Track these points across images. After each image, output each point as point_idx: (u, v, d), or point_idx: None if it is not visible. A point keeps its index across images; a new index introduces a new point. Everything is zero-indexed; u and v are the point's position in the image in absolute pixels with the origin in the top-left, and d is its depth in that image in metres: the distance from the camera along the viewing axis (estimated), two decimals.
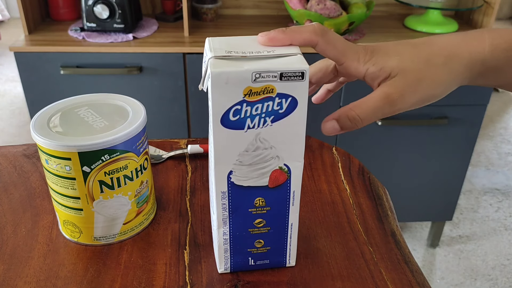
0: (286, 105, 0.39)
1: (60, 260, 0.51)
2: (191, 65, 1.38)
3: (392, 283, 0.48)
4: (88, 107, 0.53)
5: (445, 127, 1.52)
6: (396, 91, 0.41)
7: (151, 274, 0.49)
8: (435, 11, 1.53)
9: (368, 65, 0.42)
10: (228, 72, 0.37)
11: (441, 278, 1.64)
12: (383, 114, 0.41)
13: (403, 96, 0.41)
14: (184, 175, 0.65)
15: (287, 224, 0.47)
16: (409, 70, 0.41)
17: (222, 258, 0.48)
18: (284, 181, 0.43)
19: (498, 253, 1.74)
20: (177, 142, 0.73)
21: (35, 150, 0.70)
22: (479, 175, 2.16)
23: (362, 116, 0.41)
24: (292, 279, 0.49)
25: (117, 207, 0.51)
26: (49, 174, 0.49)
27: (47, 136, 0.47)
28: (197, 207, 0.59)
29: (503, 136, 2.45)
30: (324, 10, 1.38)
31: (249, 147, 0.41)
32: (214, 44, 0.40)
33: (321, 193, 0.62)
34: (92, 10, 1.35)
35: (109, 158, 0.47)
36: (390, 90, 0.41)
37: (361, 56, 0.42)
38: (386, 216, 0.58)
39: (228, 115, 0.39)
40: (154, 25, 1.50)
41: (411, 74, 0.41)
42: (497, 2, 1.44)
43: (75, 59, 1.36)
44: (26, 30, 1.40)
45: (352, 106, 0.42)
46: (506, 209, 1.97)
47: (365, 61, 0.42)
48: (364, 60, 0.42)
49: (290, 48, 0.40)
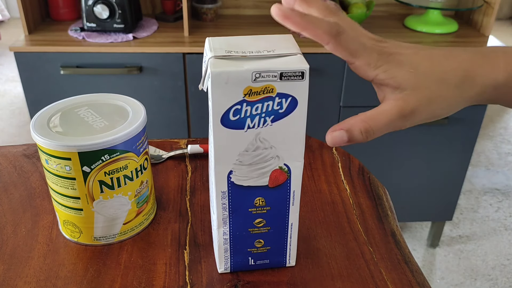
0: (286, 105, 0.39)
1: (60, 260, 0.51)
2: (191, 65, 1.38)
3: (392, 283, 0.48)
4: (88, 107, 0.53)
5: (445, 127, 1.52)
6: (408, 107, 0.40)
7: (151, 274, 0.49)
8: (435, 11, 1.53)
9: (379, 71, 0.40)
10: (228, 72, 0.37)
11: (441, 278, 1.64)
12: (394, 127, 0.40)
13: (414, 113, 0.40)
14: (184, 175, 0.65)
15: (287, 224, 0.47)
16: (421, 87, 0.40)
17: (222, 258, 0.48)
18: (284, 181, 0.43)
19: (498, 253, 1.74)
20: (177, 142, 0.73)
21: (35, 150, 0.70)
22: (479, 175, 2.16)
23: (376, 129, 0.39)
24: (292, 279, 0.49)
25: (117, 207, 0.51)
26: (49, 174, 0.49)
27: (47, 136, 0.47)
28: (197, 207, 0.59)
29: (503, 136, 2.45)
30: None
31: (249, 147, 0.41)
32: (214, 44, 0.40)
33: (321, 193, 0.62)
34: (92, 10, 1.35)
35: (109, 158, 0.47)
36: (403, 105, 0.40)
37: (373, 60, 0.40)
38: (386, 216, 0.58)
39: (228, 115, 0.39)
40: (154, 25, 1.50)
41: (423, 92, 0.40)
42: (497, 2, 1.44)
43: (75, 59, 1.36)
44: (26, 30, 1.40)
45: (365, 118, 0.39)
46: (506, 209, 1.97)
47: (376, 66, 0.40)
48: (376, 65, 0.40)
49: (290, 47, 0.40)
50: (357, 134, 0.39)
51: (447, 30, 1.52)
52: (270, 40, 0.41)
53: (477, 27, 1.55)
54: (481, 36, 1.50)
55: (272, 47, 0.40)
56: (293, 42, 0.42)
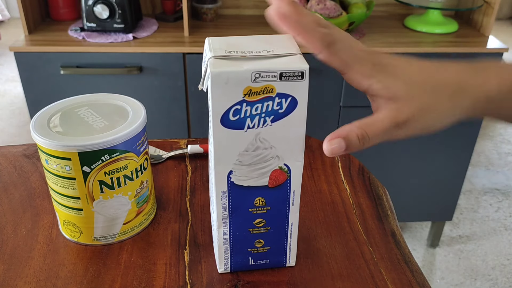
0: (286, 105, 0.39)
1: (60, 260, 0.51)
2: (191, 65, 1.38)
3: (392, 283, 0.48)
4: (88, 107, 0.53)
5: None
6: (401, 117, 0.40)
7: (151, 274, 0.49)
8: (435, 11, 1.53)
9: (372, 81, 0.40)
10: (228, 72, 0.37)
11: (441, 278, 1.64)
12: (390, 136, 0.40)
13: (407, 123, 0.40)
14: (184, 175, 0.65)
15: (287, 224, 0.47)
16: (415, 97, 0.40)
17: (222, 258, 0.48)
18: (284, 181, 0.43)
19: (498, 253, 1.74)
20: (177, 142, 0.73)
21: (35, 150, 0.70)
22: (479, 175, 2.16)
23: (371, 136, 0.40)
24: (292, 279, 0.49)
25: (117, 207, 0.51)
26: (49, 174, 0.49)
27: (47, 136, 0.47)
28: (197, 207, 0.59)
29: (503, 136, 2.45)
30: (324, 10, 1.38)
31: (249, 147, 0.41)
32: (214, 44, 0.40)
33: (321, 193, 0.62)
34: (92, 10, 1.35)
35: (109, 158, 0.47)
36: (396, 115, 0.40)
37: (367, 70, 0.40)
38: (386, 216, 0.58)
39: (228, 115, 0.39)
40: (154, 25, 1.50)
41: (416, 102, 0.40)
42: (497, 2, 1.44)
43: (75, 59, 1.36)
44: (26, 30, 1.40)
45: (360, 125, 0.40)
46: (506, 209, 1.97)
47: (370, 76, 0.40)
48: (369, 75, 0.40)
49: (290, 47, 0.40)
50: (355, 141, 0.39)
51: (447, 30, 1.52)
52: (270, 40, 0.41)
53: (477, 27, 1.55)
54: (481, 36, 1.50)
55: (272, 47, 0.40)
56: (293, 42, 0.42)
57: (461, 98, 0.41)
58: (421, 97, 0.40)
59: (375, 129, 0.40)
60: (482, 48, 1.42)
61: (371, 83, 0.40)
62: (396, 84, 0.40)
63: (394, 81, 0.40)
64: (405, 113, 0.40)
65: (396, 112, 0.40)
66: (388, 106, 0.40)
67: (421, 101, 0.40)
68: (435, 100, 0.41)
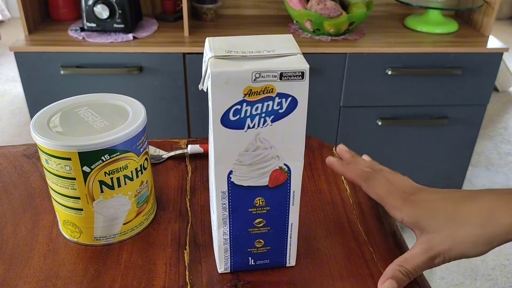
0: (286, 105, 0.39)
1: (60, 260, 0.51)
2: (191, 65, 1.38)
3: None
4: (88, 107, 0.53)
5: (445, 127, 1.52)
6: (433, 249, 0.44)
7: (151, 274, 0.49)
8: (435, 11, 1.53)
9: (404, 215, 0.47)
10: (228, 72, 0.37)
11: (441, 278, 1.64)
12: (429, 266, 0.45)
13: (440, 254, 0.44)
14: (184, 175, 0.65)
15: (287, 224, 0.47)
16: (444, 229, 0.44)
17: (222, 258, 0.48)
18: (284, 181, 0.43)
19: (498, 253, 1.74)
20: (177, 142, 0.73)
21: (35, 150, 0.70)
22: (479, 175, 2.16)
23: (411, 270, 0.45)
24: (292, 279, 0.49)
25: (117, 207, 0.51)
26: (49, 174, 0.49)
27: (47, 136, 0.47)
28: (197, 207, 0.59)
29: (503, 136, 2.45)
30: (324, 10, 1.38)
31: (249, 146, 0.41)
32: (214, 44, 0.40)
33: (321, 193, 0.62)
34: (92, 10, 1.35)
35: (109, 158, 0.47)
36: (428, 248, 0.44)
37: (399, 205, 0.47)
38: (386, 216, 0.58)
39: (228, 114, 0.39)
40: (154, 25, 1.50)
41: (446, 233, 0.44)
42: (497, 2, 1.44)
43: (75, 59, 1.36)
44: (26, 30, 1.41)
45: (400, 262, 0.45)
46: None
47: (402, 211, 0.47)
48: (401, 210, 0.47)
49: (290, 47, 0.40)
50: (401, 277, 0.45)
51: (447, 30, 1.52)
52: (270, 40, 0.41)
53: (477, 27, 1.55)
54: (481, 36, 1.50)
55: (272, 47, 0.40)
56: (293, 42, 0.42)
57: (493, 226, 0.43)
58: (450, 228, 0.44)
59: (414, 265, 0.45)
60: (482, 48, 1.42)
61: (403, 216, 0.47)
62: (424, 218, 0.46)
63: (423, 216, 0.46)
64: (435, 245, 0.44)
65: (427, 245, 0.45)
66: (420, 239, 0.46)
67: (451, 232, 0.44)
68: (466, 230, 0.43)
